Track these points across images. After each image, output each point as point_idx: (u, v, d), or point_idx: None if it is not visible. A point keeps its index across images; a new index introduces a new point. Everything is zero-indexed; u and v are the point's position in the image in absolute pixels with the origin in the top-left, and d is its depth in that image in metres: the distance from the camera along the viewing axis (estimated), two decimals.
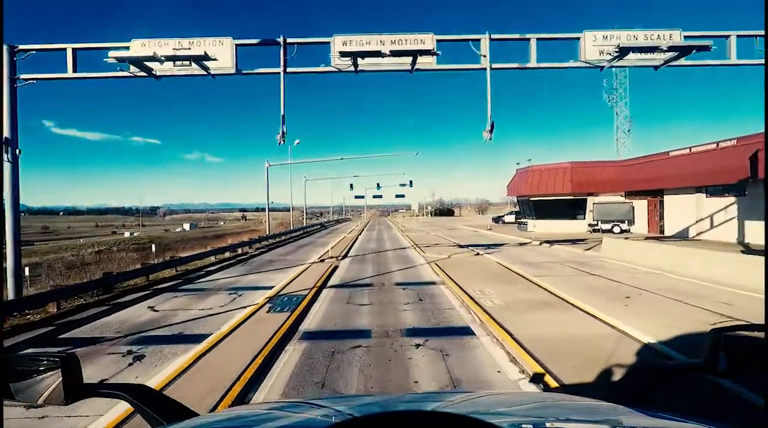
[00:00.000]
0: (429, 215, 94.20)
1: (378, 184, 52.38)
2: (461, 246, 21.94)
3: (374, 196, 61.96)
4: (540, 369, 5.24)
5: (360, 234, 36.28)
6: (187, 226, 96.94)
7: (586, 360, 5.50)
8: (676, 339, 6.35)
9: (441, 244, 23.57)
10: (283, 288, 11.32)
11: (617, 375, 5.09)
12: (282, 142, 9.82)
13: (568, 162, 28.93)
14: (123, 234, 76.40)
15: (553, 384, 4.91)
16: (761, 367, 1.00)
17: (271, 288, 11.41)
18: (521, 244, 22.73)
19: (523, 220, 32.94)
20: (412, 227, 45.25)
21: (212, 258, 18.18)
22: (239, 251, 21.71)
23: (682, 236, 22.54)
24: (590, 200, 28.62)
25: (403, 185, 52.95)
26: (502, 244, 22.81)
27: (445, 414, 0.65)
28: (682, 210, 22.84)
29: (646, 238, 22.06)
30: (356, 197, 64.60)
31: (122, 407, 4.30)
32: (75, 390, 1.09)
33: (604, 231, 26.83)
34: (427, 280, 12.18)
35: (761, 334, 1.07)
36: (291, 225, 42.99)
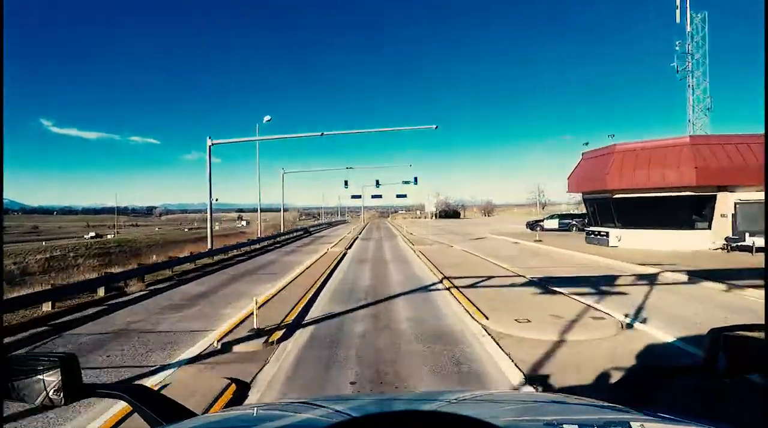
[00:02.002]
0: (434, 217, 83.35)
1: (377, 181, 42.04)
2: (541, 286, 11.08)
3: (373, 196, 52.25)
4: None
5: (351, 246, 25.33)
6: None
7: None
8: None
9: (494, 276, 12.66)
10: None
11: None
12: None
13: (686, 137, 18.16)
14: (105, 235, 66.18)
15: None
16: (761, 367, 1.02)
17: None
18: (656, 281, 11.90)
19: (597, 230, 21.89)
20: (422, 234, 33.94)
21: None
22: (95, 296, 10.95)
23: None
24: (722, 197, 17.73)
25: (406, 182, 42.73)
26: (615, 279, 12.01)
27: (444, 413, 0.64)
28: None
29: None
30: (353, 197, 54.39)
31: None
32: (74, 390, 1.07)
33: (758, 249, 15.97)
34: None
35: (761, 334, 1.04)
36: (258, 232, 32.06)
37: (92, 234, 67.48)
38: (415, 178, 39.26)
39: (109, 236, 66.55)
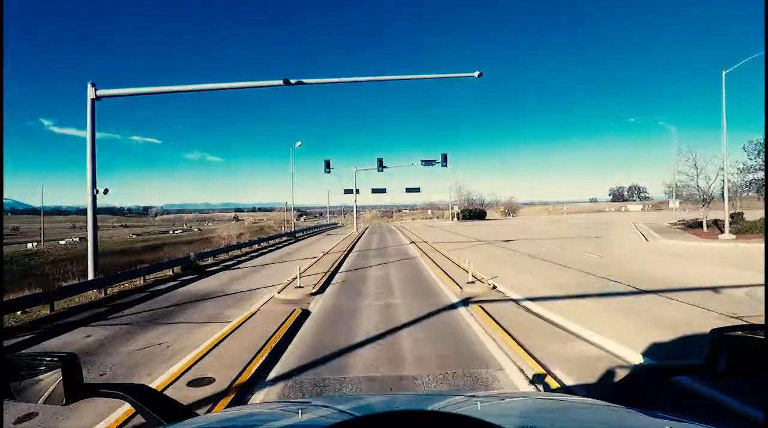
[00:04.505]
0: (456, 218, 67.61)
1: (380, 162, 26.86)
2: None
3: (374, 190, 37.75)
4: None
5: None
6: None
7: None
8: None
9: None
10: None
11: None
12: None
13: None
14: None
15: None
16: (761, 367, 0.99)
17: None
18: None
19: None
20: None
21: None
22: None
23: None
24: None
25: (428, 163, 27.38)
26: None
27: (445, 413, 0.66)
28: None
29: None
30: (346, 192, 39.13)
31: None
32: (75, 390, 1.06)
33: None
34: None
35: (761, 334, 1.02)
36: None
37: (32, 244, 54.86)
38: (444, 156, 24.05)
39: (35, 244, 53.80)
